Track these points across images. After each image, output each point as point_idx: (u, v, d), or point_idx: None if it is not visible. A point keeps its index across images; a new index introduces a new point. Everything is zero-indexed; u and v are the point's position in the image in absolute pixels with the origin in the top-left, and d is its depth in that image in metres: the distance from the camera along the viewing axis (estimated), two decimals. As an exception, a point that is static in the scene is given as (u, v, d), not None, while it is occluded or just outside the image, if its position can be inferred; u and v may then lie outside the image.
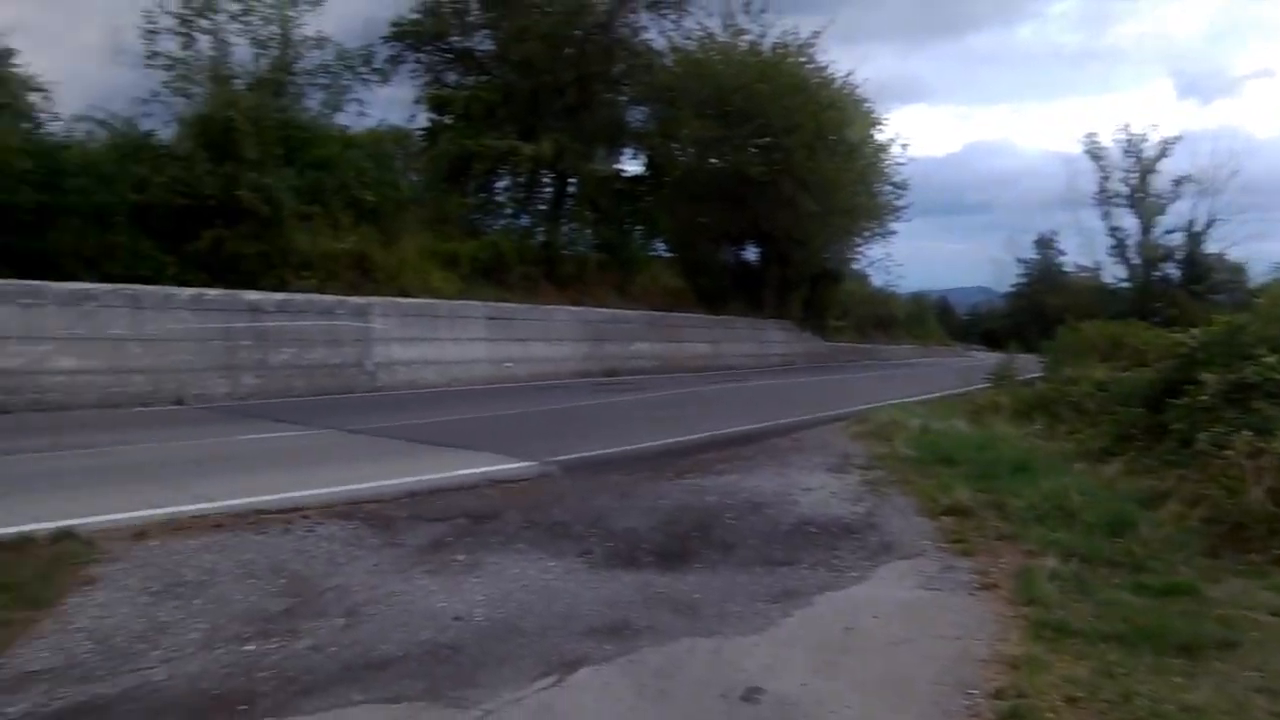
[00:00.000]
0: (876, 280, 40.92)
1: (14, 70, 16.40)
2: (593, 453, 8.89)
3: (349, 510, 6.01)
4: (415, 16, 25.71)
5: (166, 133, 16.95)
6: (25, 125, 15.73)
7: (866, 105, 29.81)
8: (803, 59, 27.00)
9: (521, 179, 26.74)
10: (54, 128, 16.09)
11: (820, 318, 34.25)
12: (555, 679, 3.50)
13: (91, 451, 8.52)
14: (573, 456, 8.48)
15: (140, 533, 5.18)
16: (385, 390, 15.81)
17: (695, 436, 10.33)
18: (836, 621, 4.26)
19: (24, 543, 4.74)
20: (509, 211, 27.19)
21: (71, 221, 13.81)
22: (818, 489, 7.34)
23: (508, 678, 3.50)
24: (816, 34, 27.10)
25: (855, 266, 37.01)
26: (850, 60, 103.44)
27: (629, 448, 9.35)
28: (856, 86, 28.72)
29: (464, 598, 4.44)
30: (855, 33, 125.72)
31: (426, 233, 20.58)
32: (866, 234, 33.47)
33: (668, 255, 30.90)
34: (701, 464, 8.49)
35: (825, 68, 27.58)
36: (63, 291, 12.17)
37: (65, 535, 4.90)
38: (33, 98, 16.45)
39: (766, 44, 26.82)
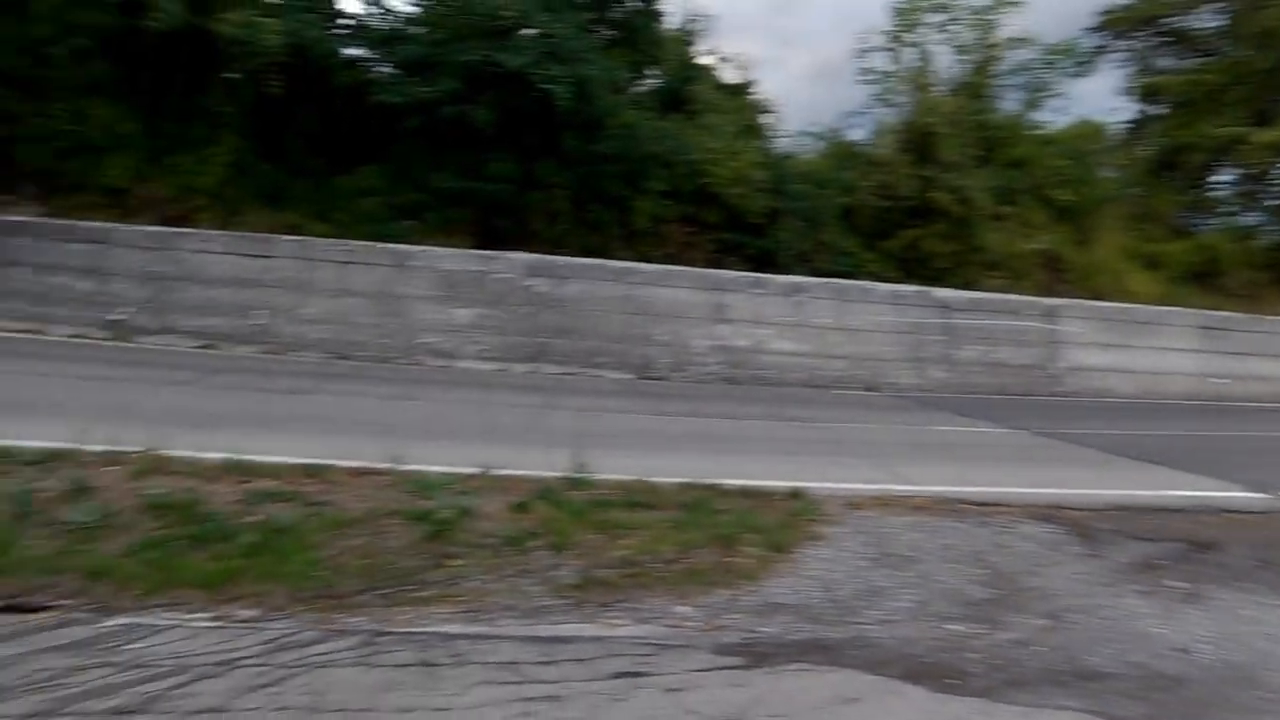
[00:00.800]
0: None
1: (753, 97, 19.44)
2: (1341, 494, 7.38)
3: (1047, 514, 5.89)
4: (1127, 2, 23.80)
5: (867, 141, 18.44)
6: (759, 142, 18.39)
7: None
8: None
9: (1249, 171, 23.07)
10: (779, 142, 18.62)
11: None
12: (1308, 747, 3.05)
13: (804, 425, 9.67)
14: (1315, 494, 7.14)
15: (853, 503, 5.74)
16: (1070, 395, 15.06)
17: None
18: None
19: (766, 495, 5.60)
20: (1229, 208, 23.74)
21: (790, 222, 15.72)
22: None
23: (1243, 730, 3.14)
24: None
25: None
26: None
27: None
28: None
29: (1184, 629, 4.08)
30: None
31: (1126, 232, 19.10)
32: None
33: None
34: None
35: None
36: (782, 283, 14.01)
37: (795, 495, 5.67)
38: (764, 118, 19.29)
39: None
